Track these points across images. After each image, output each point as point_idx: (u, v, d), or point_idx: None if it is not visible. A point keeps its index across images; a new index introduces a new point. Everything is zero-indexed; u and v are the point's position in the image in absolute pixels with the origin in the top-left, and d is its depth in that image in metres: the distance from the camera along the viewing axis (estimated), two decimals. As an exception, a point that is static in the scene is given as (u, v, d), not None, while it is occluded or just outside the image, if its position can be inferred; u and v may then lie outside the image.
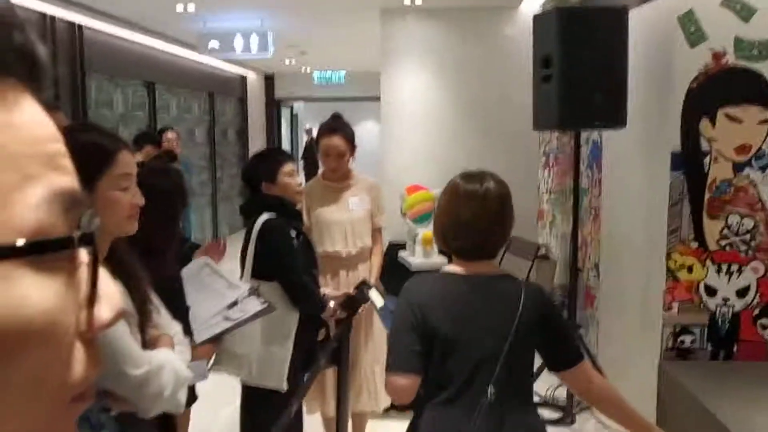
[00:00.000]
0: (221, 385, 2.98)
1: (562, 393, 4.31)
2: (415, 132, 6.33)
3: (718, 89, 3.71)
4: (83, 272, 0.41)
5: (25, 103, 0.40)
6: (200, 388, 2.75)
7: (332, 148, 3.46)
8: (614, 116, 3.78)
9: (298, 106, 17.61)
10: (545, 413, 4.28)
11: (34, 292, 0.35)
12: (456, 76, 6.21)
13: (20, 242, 0.35)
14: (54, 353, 0.37)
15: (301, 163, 16.10)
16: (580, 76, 3.76)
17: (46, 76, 0.43)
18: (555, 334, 1.96)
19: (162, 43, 8.98)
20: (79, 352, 0.40)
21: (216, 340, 2.45)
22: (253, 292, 2.57)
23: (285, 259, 2.87)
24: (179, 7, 6.80)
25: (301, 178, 3.23)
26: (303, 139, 17.16)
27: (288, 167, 3.03)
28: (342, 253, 3.47)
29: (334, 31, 8.74)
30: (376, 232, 3.62)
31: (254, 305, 2.52)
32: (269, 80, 14.45)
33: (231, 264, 3.02)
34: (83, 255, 0.40)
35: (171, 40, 9.11)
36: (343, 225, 3.47)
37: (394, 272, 3.97)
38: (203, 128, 11.13)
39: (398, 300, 2.03)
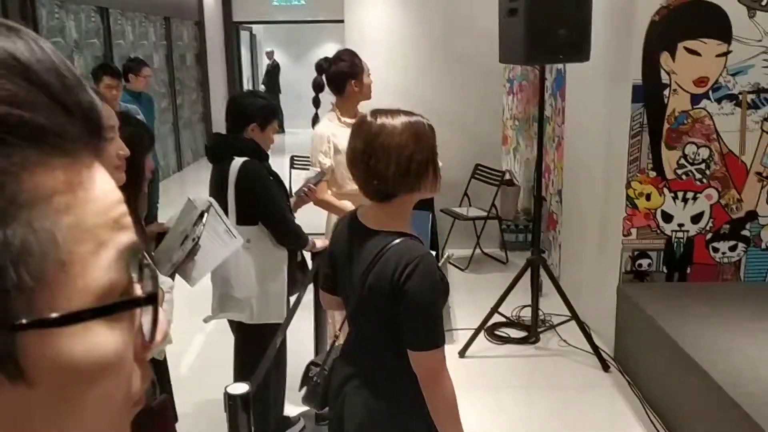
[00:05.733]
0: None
1: (526, 313, 4.55)
2: (380, 58, 6.31)
3: (678, 23, 3.83)
4: (143, 316, 0.48)
5: (96, 174, 0.42)
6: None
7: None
8: (578, 50, 3.87)
9: (258, 29, 17.22)
10: (511, 332, 4.55)
11: (106, 339, 0.42)
12: (421, 4, 6.21)
13: (90, 305, 0.41)
14: (120, 377, 0.45)
15: (262, 88, 15.86)
16: (546, 10, 3.82)
17: (106, 130, 0.44)
18: (402, 311, 1.80)
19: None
20: (135, 371, 0.48)
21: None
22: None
23: (270, 203, 2.95)
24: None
25: None
26: (264, 63, 16.85)
27: (276, 122, 3.12)
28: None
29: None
30: None
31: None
32: (227, 2, 14.08)
33: (197, 192, 2.91)
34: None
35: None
36: None
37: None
38: (161, 54, 10.90)
39: None
